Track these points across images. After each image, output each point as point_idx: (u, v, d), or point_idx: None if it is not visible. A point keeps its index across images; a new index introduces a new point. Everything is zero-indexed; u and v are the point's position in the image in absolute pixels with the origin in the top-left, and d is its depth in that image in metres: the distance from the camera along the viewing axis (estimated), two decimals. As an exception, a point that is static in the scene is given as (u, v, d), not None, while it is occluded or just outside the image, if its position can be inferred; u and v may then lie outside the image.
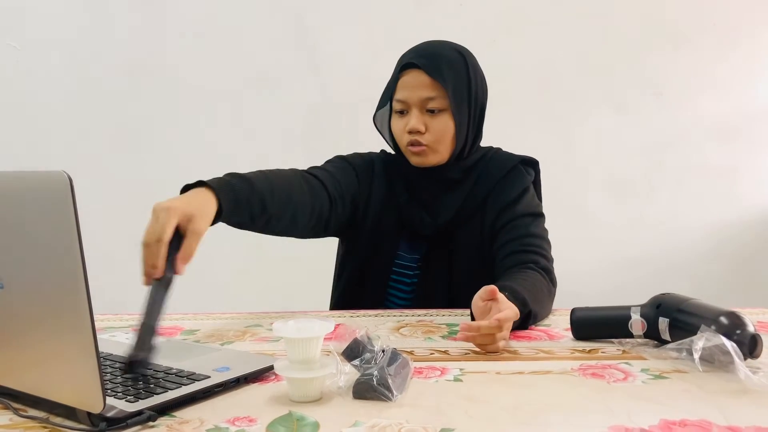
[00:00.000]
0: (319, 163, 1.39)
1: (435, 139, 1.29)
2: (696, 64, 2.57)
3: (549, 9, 2.55)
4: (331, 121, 2.56)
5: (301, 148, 2.55)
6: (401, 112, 1.31)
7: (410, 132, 1.28)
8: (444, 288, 1.34)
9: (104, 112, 2.59)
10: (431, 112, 1.28)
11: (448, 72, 1.28)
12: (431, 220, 1.34)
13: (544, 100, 2.57)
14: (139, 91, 2.58)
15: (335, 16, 2.56)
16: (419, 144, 1.29)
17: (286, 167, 1.29)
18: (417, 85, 1.27)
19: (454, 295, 1.32)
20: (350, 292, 1.40)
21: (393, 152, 1.41)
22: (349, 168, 1.38)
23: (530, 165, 1.42)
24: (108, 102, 2.58)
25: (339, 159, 1.41)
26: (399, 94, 1.29)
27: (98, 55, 2.58)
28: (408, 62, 1.29)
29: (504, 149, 1.44)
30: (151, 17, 2.57)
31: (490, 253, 1.33)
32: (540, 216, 1.37)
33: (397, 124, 1.32)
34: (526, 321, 1.12)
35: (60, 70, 2.58)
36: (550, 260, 1.31)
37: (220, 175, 1.12)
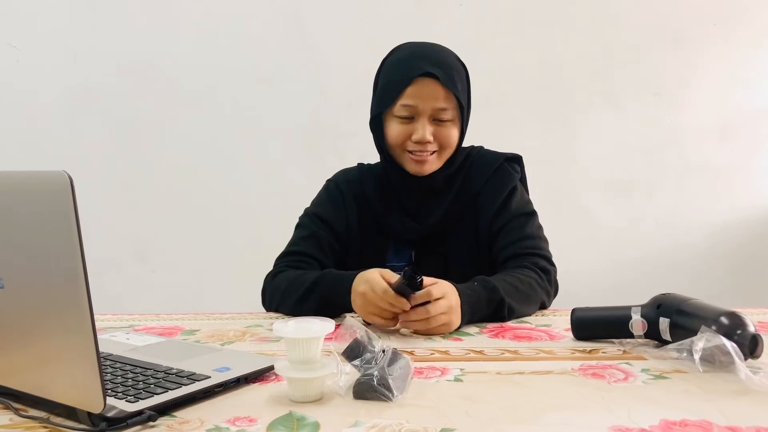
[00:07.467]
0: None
1: (440, 149, 1.30)
2: (696, 64, 2.57)
3: (548, 9, 2.55)
4: (331, 121, 2.56)
5: (301, 148, 2.56)
6: (406, 118, 1.29)
7: (418, 141, 1.27)
8: None
9: (104, 112, 2.58)
10: (439, 121, 1.28)
11: (459, 84, 1.28)
12: (416, 225, 1.33)
13: (544, 100, 2.57)
14: (139, 91, 2.58)
15: (335, 16, 2.56)
16: (425, 153, 1.28)
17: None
18: (431, 95, 1.26)
19: None
20: None
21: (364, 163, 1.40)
22: (322, 224, 1.38)
23: (514, 161, 1.42)
24: (108, 102, 2.58)
25: (310, 219, 1.40)
26: (408, 100, 1.27)
27: (98, 55, 2.57)
28: (426, 71, 1.25)
29: (488, 148, 1.43)
30: (151, 17, 2.57)
31: (486, 253, 1.34)
32: (533, 215, 1.37)
33: (399, 130, 1.30)
34: (499, 311, 1.14)
35: (60, 70, 2.58)
36: (549, 260, 1.31)
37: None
